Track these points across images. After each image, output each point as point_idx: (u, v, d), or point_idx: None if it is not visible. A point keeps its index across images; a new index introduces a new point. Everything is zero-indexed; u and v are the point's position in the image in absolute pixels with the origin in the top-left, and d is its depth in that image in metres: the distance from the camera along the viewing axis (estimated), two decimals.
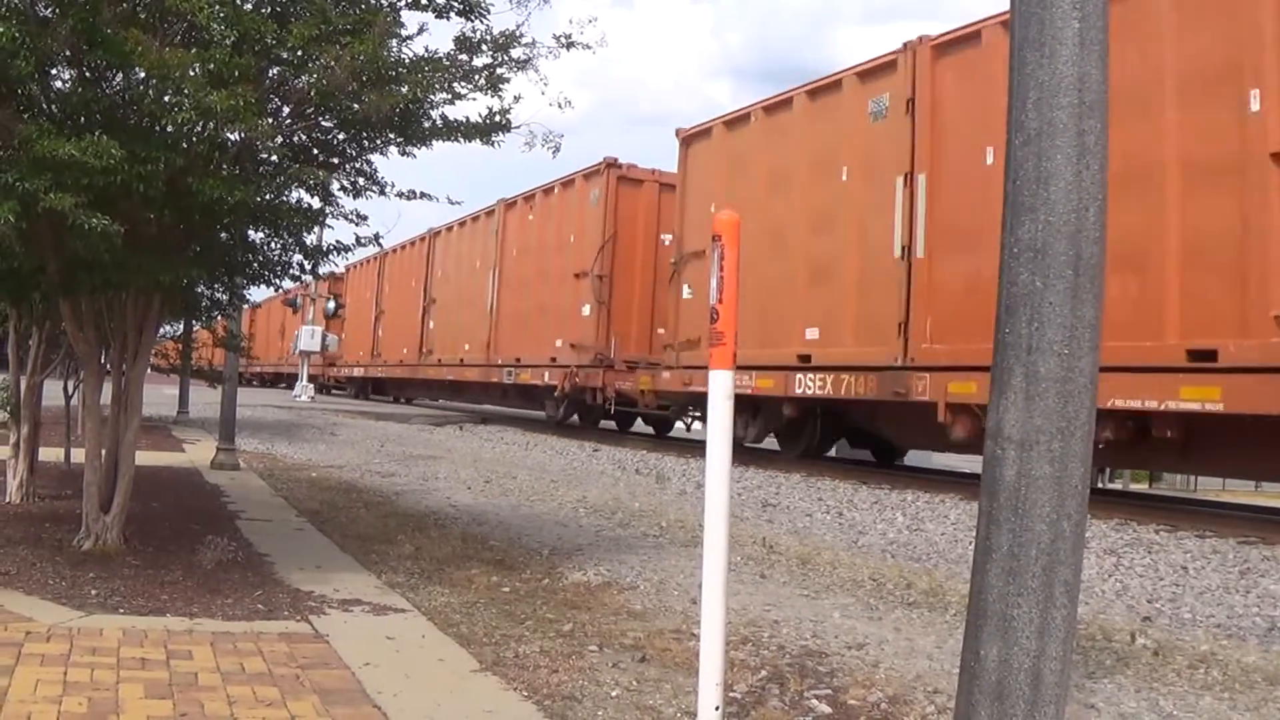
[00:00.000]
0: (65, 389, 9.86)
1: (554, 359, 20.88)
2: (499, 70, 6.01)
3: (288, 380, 39.58)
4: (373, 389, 36.30)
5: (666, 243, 18.80)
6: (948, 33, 12.26)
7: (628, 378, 18.58)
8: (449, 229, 27.86)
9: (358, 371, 35.84)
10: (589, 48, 6.02)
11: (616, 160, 20.26)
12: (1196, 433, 9.65)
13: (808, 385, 13.60)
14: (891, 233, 12.55)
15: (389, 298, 32.89)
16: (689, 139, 17.08)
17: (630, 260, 19.89)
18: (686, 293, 16.38)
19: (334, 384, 38.93)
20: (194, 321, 10.57)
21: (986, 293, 9.63)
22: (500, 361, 23.47)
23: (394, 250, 31.72)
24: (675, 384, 16.47)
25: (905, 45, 12.75)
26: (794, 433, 15.55)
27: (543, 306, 21.84)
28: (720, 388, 3.28)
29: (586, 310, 19.91)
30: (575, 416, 22.15)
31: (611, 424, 22.45)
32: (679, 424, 21.43)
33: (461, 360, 25.86)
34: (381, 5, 5.74)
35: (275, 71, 5.68)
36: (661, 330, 18.26)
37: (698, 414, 18.07)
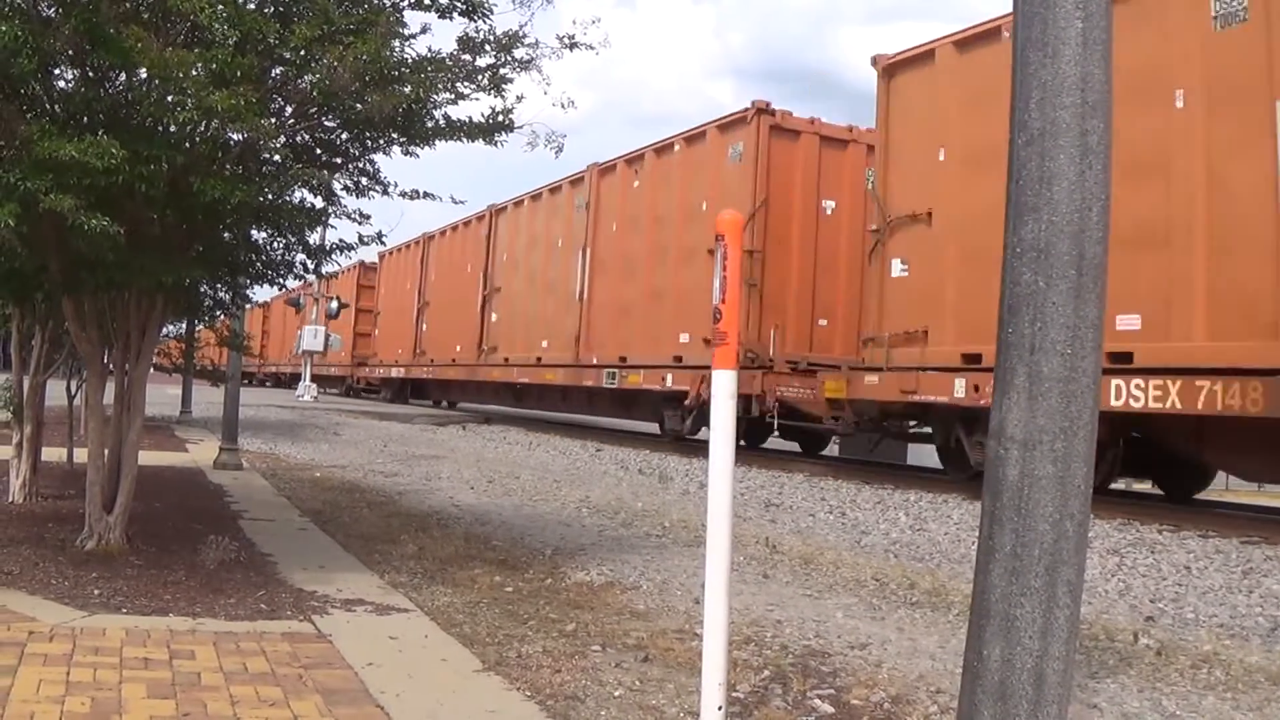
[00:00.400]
0: (68, 389, 9.87)
1: (679, 357, 16.85)
2: (502, 70, 6.01)
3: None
4: (413, 392, 32.43)
5: (829, 211, 15.81)
6: None
7: (797, 382, 15.02)
8: (517, 204, 24.09)
9: (396, 372, 31.76)
10: (592, 48, 6.03)
11: (769, 105, 15.94)
12: None
13: (1131, 396, 9.70)
14: (1272, 180, 8.90)
15: (435, 286, 28.87)
16: (894, 68, 13.20)
17: (784, 234, 15.86)
18: (898, 269, 12.79)
19: (365, 386, 35.61)
20: (197, 321, 10.58)
21: None
22: (596, 361, 19.42)
23: (442, 233, 28.79)
24: (889, 391, 12.56)
25: None
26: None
27: (657, 292, 17.77)
28: (723, 387, 3.28)
29: None
30: (705, 430, 16.05)
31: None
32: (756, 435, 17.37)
33: (539, 359, 21.87)
34: (384, 5, 5.74)
35: (278, 71, 5.67)
36: (824, 322, 15.81)
37: (921, 429, 13.72)
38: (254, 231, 6.80)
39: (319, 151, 6.30)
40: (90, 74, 5.48)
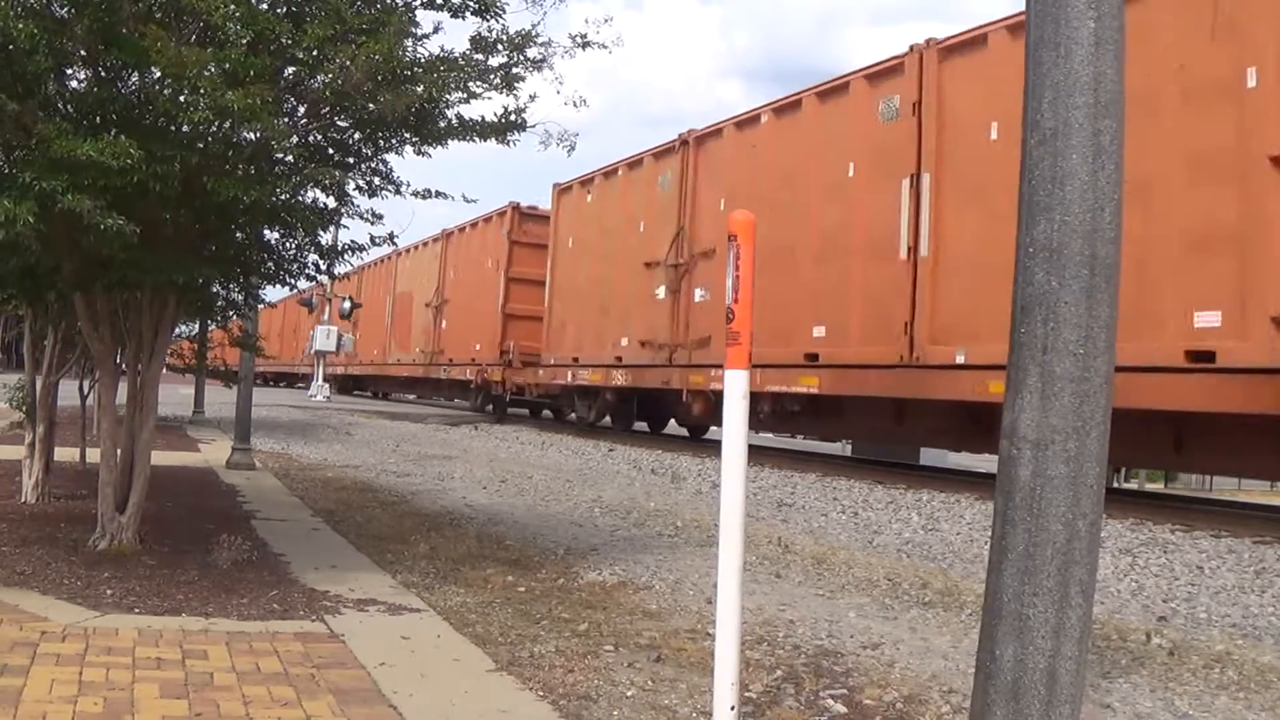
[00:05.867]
0: (81, 389, 9.89)
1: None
2: (514, 70, 6.01)
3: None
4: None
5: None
6: None
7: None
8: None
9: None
10: (604, 47, 6.03)
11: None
12: None
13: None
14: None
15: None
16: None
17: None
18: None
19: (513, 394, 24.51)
20: (210, 322, 10.59)
21: None
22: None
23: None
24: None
25: None
26: None
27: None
28: (736, 387, 3.28)
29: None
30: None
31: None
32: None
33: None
34: (396, 4, 5.75)
35: (291, 71, 5.69)
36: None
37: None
38: (266, 231, 6.82)
39: (331, 151, 6.31)
40: (103, 73, 5.50)
